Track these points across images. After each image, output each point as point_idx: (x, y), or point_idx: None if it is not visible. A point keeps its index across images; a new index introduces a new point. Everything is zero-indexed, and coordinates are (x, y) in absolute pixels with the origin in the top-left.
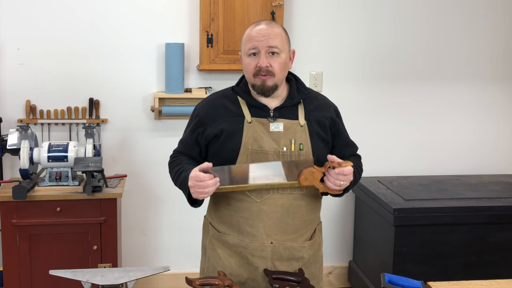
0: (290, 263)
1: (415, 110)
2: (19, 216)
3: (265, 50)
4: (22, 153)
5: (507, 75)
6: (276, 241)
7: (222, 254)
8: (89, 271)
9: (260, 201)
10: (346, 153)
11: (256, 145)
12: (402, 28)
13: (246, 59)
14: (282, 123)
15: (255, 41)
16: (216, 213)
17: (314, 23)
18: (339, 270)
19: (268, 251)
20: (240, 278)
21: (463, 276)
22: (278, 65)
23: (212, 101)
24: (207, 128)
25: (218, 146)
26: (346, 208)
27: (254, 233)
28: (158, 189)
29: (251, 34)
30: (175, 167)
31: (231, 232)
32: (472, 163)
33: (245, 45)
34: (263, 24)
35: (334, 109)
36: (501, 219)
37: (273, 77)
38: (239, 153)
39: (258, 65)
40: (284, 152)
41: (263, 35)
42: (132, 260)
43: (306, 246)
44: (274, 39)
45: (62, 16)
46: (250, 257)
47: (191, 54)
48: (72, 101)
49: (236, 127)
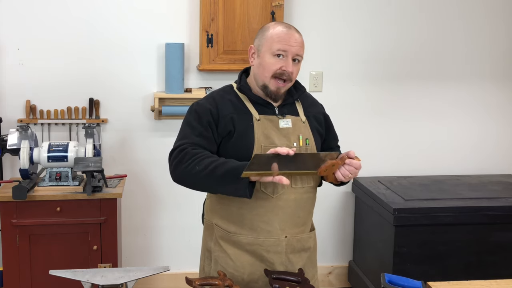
0: (300, 254)
1: (415, 110)
2: (19, 216)
3: (292, 56)
4: (22, 153)
5: (507, 75)
6: (289, 235)
7: (232, 255)
8: (89, 271)
9: (275, 197)
10: (333, 144)
11: (267, 142)
12: (402, 28)
13: (269, 58)
14: (291, 120)
15: (287, 45)
16: (222, 213)
17: (314, 23)
18: (339, 270)
19: (283, 246)
20: (253, 276)
21: (463, 276)
22: (296, 72)
23: (216, 97)
24: (219, 124)
25: (232, 143)
26: (346, 208)
27: (269, 229)
28: (158, 189)
29: (281, 35)
30: (205, 158)
31: (243, 231)
32: (472, 163)
33: (273, 43)
34: (293, 30)
35: (322, 106)
36: (501, 219)
37: (289, 83)
38: (254, 150)
39: (284, 68)
40: (295, 147)
41: (295, 40)
42: (132, 260)
43: (312, 236)
44: (302, 48)
45: (62, 16)
46: (265, 254)
47: (191, 54)
48: (72, 101)
49: (246, 124)
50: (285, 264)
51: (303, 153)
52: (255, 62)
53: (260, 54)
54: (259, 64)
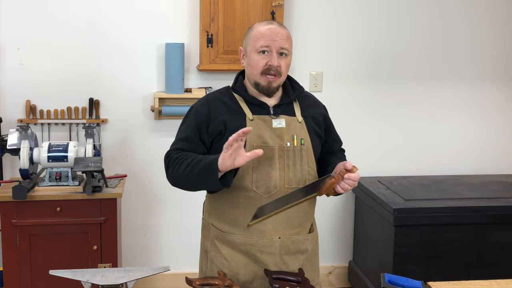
0: (296, 256)
1: (415, 110)
2: (19, 216)
3: (276, 50)
4: (22, 153)
5: (507, 75)
6: (283, 236)
7: (227, 255)
8: (89, 271)
9: (267, 197)
10: (335, 148)
11: (260, 141)
12: (402, 28)
13: (254, 56)
14: (284, 120)
15: (268, 39)
16: (218, 213)
17: (314, 23)
18: (339, 270)
19: (277, 247)
20: (247, 277)
21: (463, 276)
22: (285, 66)
23: (211, 99)
24: (210, 125)
25: (223, 143)
26: (346, 208)
27: (263, 229)
28: (158, 189)
29: (263, 32)
30: (185, 160)
31: (237, 230)
32: (472, 163)
33: (255, 41)
34: (275, 24)
35: (323, 107)
36: (501, 219)
37: (279, 77)
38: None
39: (269, 63)
40: (288, 147)
41: (276, 35)
42: (132, 260)
43: (309, 239)
44: (286, 40)
45: (62, 16)
46: (258, 254)
47: (191, 54)
48: (72, 101)
49: (239, 124)
50: (279, 265)
51: (299, 188)
52: (245, 63)
53: (247, 54)
54: (248, 64)
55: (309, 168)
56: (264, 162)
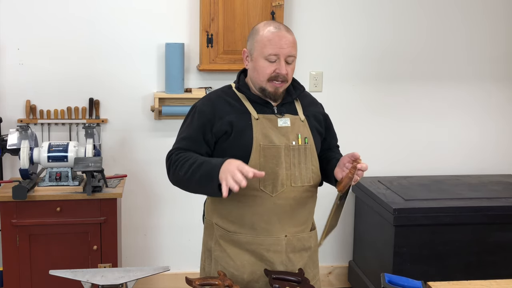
0: (301, 253)
1: (415, 110)
2: (19, 216)
3: (284, 58)
4: (22, 153)
5: (507, 75)
6: (289, 234)
7: (233, 254)
8: (89, 271)
9: (274, 196)
10: (333, 144)
11: (266, 141)
12: (403, 28)
13: (262, 62)
14: (289, 119)
15: (277, 47)
16: (222, 213)
17: (314, 23)
18: (339, 270)
19: (283, 245)
20: (253, 275)
21: (463, 276)
22: (292, 72)
23: (214, 98)
24: (215, 125)
25: (229, 143)
26: (346, 208)
27: (269, 228)
28: (158, 189)
29: (271, 38)
30: (186, 162)
31: (243, 230)
32: (472, 163)
33: (263, 48)
34: (282, 29)
35: (321, 105)
36: (501, 219)
37: (286, 83)
38: (252, 149)
39: (278, 71)
40: (294, 146)
41: (286, 43)
42: (132, 260)
43: (313, 236)
44: (294, 47)
45: (62, 16)
46: (265, 253)
47: (191, 54)
48: (72, 101)
49: (245, 123)
50: (285, 263)
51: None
52: (250, 65)
53: (253, 58)
54: (253, 68)
55: (313, 167)
56: (271, 161)
